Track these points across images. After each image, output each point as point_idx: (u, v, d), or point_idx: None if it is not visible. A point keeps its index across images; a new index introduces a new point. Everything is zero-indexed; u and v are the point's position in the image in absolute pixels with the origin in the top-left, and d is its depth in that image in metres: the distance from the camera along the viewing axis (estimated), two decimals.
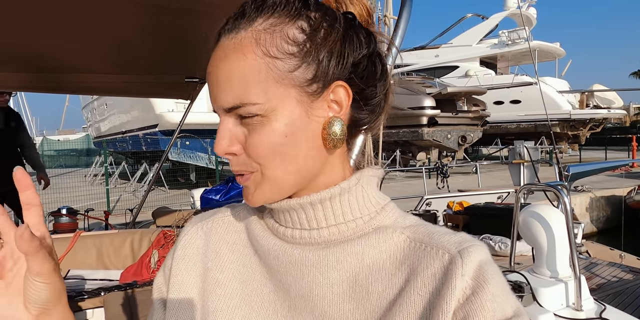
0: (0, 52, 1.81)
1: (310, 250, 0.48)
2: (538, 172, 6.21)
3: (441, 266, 0.44)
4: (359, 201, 0.49)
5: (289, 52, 0.44)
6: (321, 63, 0.45)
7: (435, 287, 0.43)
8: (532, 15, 25.61)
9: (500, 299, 0.42)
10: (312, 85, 0.45)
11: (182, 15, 1.55)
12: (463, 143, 15.26)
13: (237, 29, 0.45)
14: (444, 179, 7.25)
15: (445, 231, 0.48)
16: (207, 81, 0.47)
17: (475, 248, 0.44)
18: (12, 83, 2.36)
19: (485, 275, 0.43)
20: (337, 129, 0.46)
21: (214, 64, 0.46)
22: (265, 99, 0.44)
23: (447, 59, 23.45)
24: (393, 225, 0.49)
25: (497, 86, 20.48)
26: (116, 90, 2.94)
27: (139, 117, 12.77)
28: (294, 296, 0.49)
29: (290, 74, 0.44)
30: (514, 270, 2.00)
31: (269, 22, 0.44)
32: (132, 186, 12.15)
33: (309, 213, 0.48)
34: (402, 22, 1.02)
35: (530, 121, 19.93)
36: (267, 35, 0.44)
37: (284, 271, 0.49)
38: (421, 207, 5.14)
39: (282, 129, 0.44)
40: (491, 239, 3.96)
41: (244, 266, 0.53)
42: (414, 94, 14.71)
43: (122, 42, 1.83)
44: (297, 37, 0.44)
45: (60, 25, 1.57)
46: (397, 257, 0.47)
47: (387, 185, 10.72)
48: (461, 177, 12.56)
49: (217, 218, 0.58)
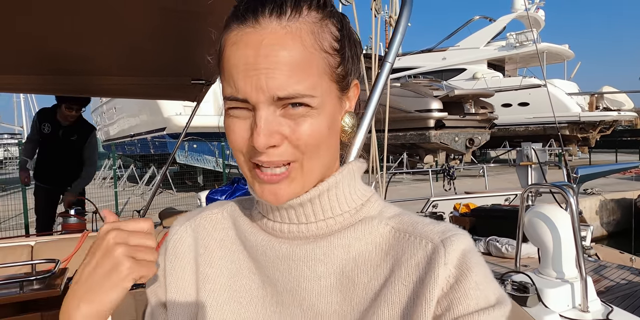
0: (10, 55, 1.85)
1: (298, 245, 0.49)
2: (546, 174, 6.15)
3: (425, 255, 0.44)
4: (345, 195, 0.50)
5: (336, 49, 0.45)
6: (349, 60, 0.47)
7: (419, 276, 0.44)
8: (540, 17, 25.45)
9: (484, 286, 0.43)
10: (342, 82, 0.47)
11: (187, 17, 1.57)
12: (471, 146, 15.18)
13: (286, 15, 0.42)
14: (450, 181, 7.22)
15: (429, 221, 0.48)
16: (235, 66, 0.42)
17: (458, 237, 0.45)
18: (21, 85, 2.40)
19: (469, 263, 0.43)
20: (349, 121, 0.49)
21: (260, 49, 0.41)
22: (320, 93, 0.44)
23: (454, 62, 23.36)
24: (378, 216, 0.49)
25: (505, 88, 20.35)
26: (123, 92, 2.98)
27: (147, 120, 12.88)
28: (281, 291, 0.49)
29: (335, 70, 0.45)
30: (519, 271, 1.98)
31: (315, 15, 0.44)
32: (141, 189, 12.24)
33: (299, 210, 0.48)
34: (401, 23, 1.03)
35: (539, 124, 19.75)
36: (319, 29, 0.44)
37: (272, 266, 0.50)
38: (428, 209, 5.13)
39: (326, 122, 0.45)
40: (498, 241, 3.93)
41: (232, 262, 0.53)
42: (421, 97, 14.67)
43: (130, 44, 1.87)
44: (337, 34, 0.46)
45: (69, 29, 1.60)
46: (382, 248, 0.48)
47: (394, 188, 10.67)
48: (469, 179, 12.48)
49: (204, 215, 0.57)
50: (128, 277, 0.43)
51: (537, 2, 25.71)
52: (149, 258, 0.45)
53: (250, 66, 0.42)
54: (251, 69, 0.41)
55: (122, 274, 0.43)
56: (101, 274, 0.43)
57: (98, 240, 0.45)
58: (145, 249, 0.45)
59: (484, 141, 15.76)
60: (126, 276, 0.43)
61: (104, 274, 0.43)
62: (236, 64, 0.42)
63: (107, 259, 0.44)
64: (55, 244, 2.52)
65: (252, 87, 0.42)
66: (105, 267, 0.44)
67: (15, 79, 2.24)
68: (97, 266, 0.44)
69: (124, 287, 0.43)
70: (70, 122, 3.61)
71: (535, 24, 24.38)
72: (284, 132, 0.43)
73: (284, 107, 0.43)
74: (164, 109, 11.30)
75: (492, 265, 3.13)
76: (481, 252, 3.84)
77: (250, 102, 0.42)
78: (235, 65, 0.42)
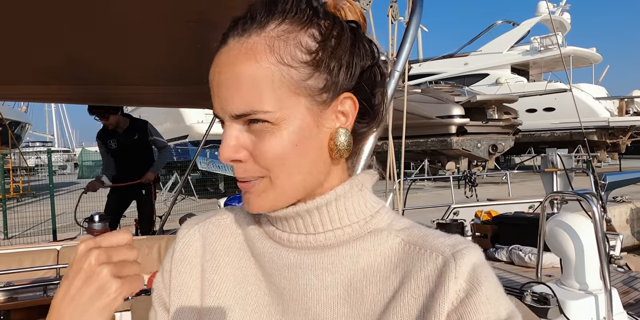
0: (39, 66, 1.94)
1: (306, 254, 0.49)
2: (572, 181, 5.97)
3: (435, 269, 0.44)
4: (354, 206, 0.49)
5: (303, 61, 0.43)
6: (332, 72, 0.44)
7: (429, 289, 0.44)
8: (566, 21, 24.88)
9: (494, 301, 0.42)
10: (322, 95, 0.45)
11: (208, 28, 1.62)
12: (494, 152, 14.86)
13: (247, 32, 0.44)
14: (472, 188, 7.08)
15: (440, 233, 0.48)
16: (210, 85, 0.45)
17: (469, 250, 0.44)
18: (52, 95, 2.50)
19: (479, 277, 0.43)
20: (343, 139, 0.46)
21: (221, 68, 0.44)
22: (277, 107, 0.43)
23: (476, 67, 23.02)
24: (388, 228, 0.49)
25: (529, 93, 19.91)
26: (147, 100, 3.07)
27: (170, 128, 13.17)
28: (287, 299, 0.49)
29: (303, 83, 0.44)
30: (539, 282, 1.93)
31: (282, 28, 0.44)
32: (164, 195, 12.48)
33: (306, 219, 0.48)
34: (410, 31, 1.04)
35: (566, 129, 19.21)
36: (280, 42, 0.43)
37: (279, 274, 0.50)
38: (448, 217, 5.04)
39: (292, 138, 0.44)
40: (521, 250, 3.83)
41: (239, 269, 0.53)
42: (442, 103, 14.49)
43: (154, 55, 1.93)
44: (310, 45, 0.44)
45: (95, 39, 1.67)
46: (391, 260, 0.47)
47: (415, 195, 10.55)
48: (492, 186, 12.23)
49: (214, 220, 0.57)
50: (118, 298, 0.40)
51: (562, 5, 25.16)
52: (135, 272, 0.42)
53: (214, 86, 0.45)
54: (215, 88, 0.45)
55: (110, 296, 0.40)
56: (87, 298, 0.40)
57: (78, 261, 0.41)
58: (130, 263, 0.42)
59: (508, 147, 15.40)
60: (116, 297, 0.40)
61: (90, 298, 0.40)
62: (211, 84, 0.46)
63: (92, 282, 0.40)
64: None
65: (217, 106, 0.45)
66: (91, 291, 0.40)
67: (47, 89, 2.33)
68: (81, 289, 0.40)
69: (112, 308, 0.41)
70: (122, 127, 3.82)
71: (561, 27, 23.84)
72: (249, 148, 0.45)
73: (246, 123, 0.44)
74: (187, 117, 11.55)
75: (514, 275, 3.05)
76: (503, 261, 3.74)
77: (220, 119, 0.46)
78: (210, 85, 0.46)
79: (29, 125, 19.75)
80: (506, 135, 15.39)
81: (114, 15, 1.42)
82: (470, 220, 4.89)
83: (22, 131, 18.83)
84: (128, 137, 3.86)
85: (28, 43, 1.62)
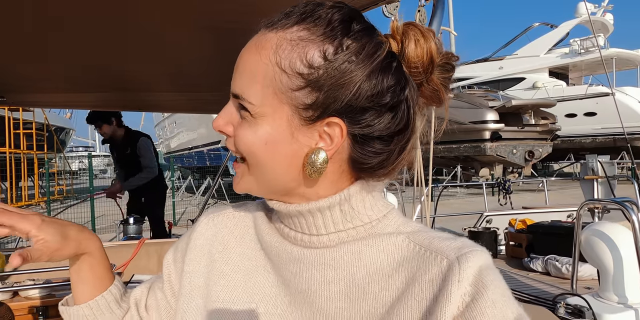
0: (76, 75, 2.04)
1: (308, 249, 0.50)
2: (615, 189, 5.68)
3: (439, 272, 0.44)
4: (359, 210, 0.49)
5: (298, 71, 0.43)
6: (325, 94, 0.43)
7: (432, 293, 0.43)
8: (609, 22, 23.83)
9: (501, 304, 0.41)
10: (307, 111, 0.44)
11: (235, 35, 1.66)
12: (530, 158, 14.34)
13: (271, 27, 0.46)
14: (506, 195, 6.85)
15: (447, 236, 0.47)
16: None
17: (475, 253, 0.44)
18: (88, 102, 2.64)
19: (485, 281, 0.42)
20: (317, 160, 0.45)
21: (242, 51, 0.48)
22: (260, 103, 0.45)
23: (512, 71, 22.38)
24: (395, 232, 0.49)
25: (568, 98, 19.17)
26: (178, 107, 3.17)
27: (204, 134, 13.52)
28: (293, 292, 0.50)
29: (290, 92, 0.44)
30: (575, 294, 1.84)
31: (300, 34, 0.44)
32: (197, 199, 12.79)
33: (309, 219, 0.49)
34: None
35: (608, 135, 18.33)
36: (288, 47, 0.44)
37: (284, 267, 0.51)
38: (480, 224, 4.90)
39: (263, 136, 0.46)
40: (557, 260, 3.67)
41: (249, 259, 0.55)
42: (476, 108, 14.17)
43: (183, 63, 2.00)
44: (314, 60, 0.43)
45: (130, 49, 1.75)
46: (394, 257, 0.47)
47: (447, 202, 10.33)
48: (528, 194, 11.81)
49: (228, 213, 0.61)
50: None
51: (604, 6, 24.15)
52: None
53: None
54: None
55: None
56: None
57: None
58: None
59: (545, 154, 14.84)
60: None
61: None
62: None
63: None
64: (116, 249, 2.70)
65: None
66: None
67: (83, 97, 2.46)
68: None
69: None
70: (119, 138, 3.93)
71: (603, 28, 22.86)
72: (235, 126, 0.48)
73: (239, 106, 0.47)
74: None
75: (549, 286, 2.92)
76: (539, 272, 3.59)
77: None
78: None
79: (72, 131, 20.76)
80: (543, 141, 14.85)
81: (144, 28, 1.48)
82: (503, 229, 4.73)
83: (67, 137, 19.82)
84: (122, 150, 3.95)
85: (66, 55, 1.72)
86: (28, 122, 7.98)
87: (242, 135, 0.47)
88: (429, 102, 0.49)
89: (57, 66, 1.88)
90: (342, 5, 0.45)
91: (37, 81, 2.09)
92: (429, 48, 0.46)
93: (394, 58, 0.45)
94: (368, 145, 0.46)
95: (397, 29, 0.46)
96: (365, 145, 0.46)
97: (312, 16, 0.44)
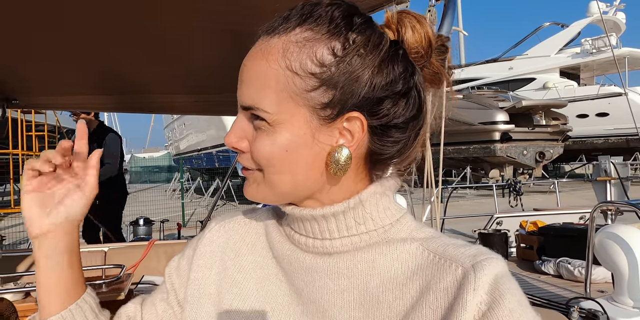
0: (87, 77, 2.06)
1: (322, 258, 0.49)
2: (629, 191, 5.59)
3: (454, 280, 0.43)
4: (372, 214, 0.48)
5: (311, 72, 0.43)
6: (341, 90, 0.43)
7: (448, 302, 0.42)
8: (621, 21, 23.50)
9: (518, 314, 0.40)
10: (325, 110, 0.44)
11: (243, 38, 1.67)
12: (541, 160, 14.19)
13: (273, 33, 0.45)
14: (517, 196, 6.77)
15: (461, 243, 0.46)
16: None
17: (490, 261, 0.43)
18: (97, 105, 2.66)
19: (501, 289, 0.41)
20: (341, 157, 0.45)
21: (245, 61, 0.47)
22: (276, 110, 0.44)
23: (522, 71, 22.17)
24: (408, 238, 0.48)
25: (580, 98, 18.93)
26: (187, 109, 3.19)
27: (213, 135, 13.60)
28: (306, 301, 0.49)
29: (306, 93, 0.43)
30: (589, 297, 1.81)
31: (305, 35, 0.43)
32: (206, 200, 12.86)
33: (322, 224, 0.48)
34: (443, 31, 1.02)
35: (621, 135, 18.06)
36: (295, 49, 0.43)
37: (297, 276, 0.50)
38: (491, 226, 4.85)
39: (283, 143, 0.44)
40: (570, 263, 3.62)
41: (261, 268, 0.54)
42: (485, 108, 14.06)
43: (193, 64, 2.01)
44: (325, 58, 0.43)
45: (140, 52, 1.76)
46: (409, 266, 0.46)
47: (456, 203, 10.25)
48: (539, 196, 11.67)
49: (239, 219, 0.59)
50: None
51: (616, 5, 23.84)
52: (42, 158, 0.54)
53: (239, 75, 0.47)
54: (238, 79, 0.47)
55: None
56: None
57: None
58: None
59: (557, 155, 14.68)
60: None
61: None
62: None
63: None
64: (126, 250, 2.73)
65: (237, 95, 0.47)
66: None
67: (95, 99, 2.49)
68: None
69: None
70: (90, 130, 3.89)
71: (615, 27, 22.57)
72: (250, 140, 0.47)
73: (252, 116, 0.46)
74: (228, 124, 11.84)
75: (561, 289, 2.88)
76: (550, 275, 3.54)
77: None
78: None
79: None
80: (554, 142, 14.69)
81: (154, 31, 1.49)
82: (514, 231, 4.68)
83: None
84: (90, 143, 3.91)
85: (78, 57, 1.74)
86: (40, 125, 8.09)
87: (260, 147, 0.45)
88: (431, 85, 0.51)
89: (69, 69, 1.90)
90: (338, 2, 0.45)
91: (49, 84, 2.11)
92: (425, 33, 0.47)
93: (399, 46, 0.46)
94: (386, 135, 0.46)
95: (392, 18, 0.47)
96: (383, 136, 0.46)
97: (312, 16, 0.44)
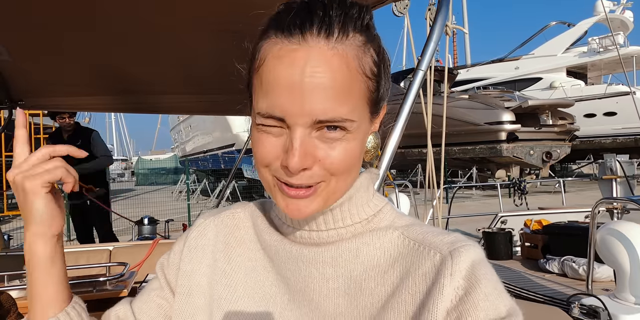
0: (93, 78, 2.10)
1: (307, 248, 0.51)
2: (634, 189, 5.54)
3: (432, 266, 0.45)
4: (357, 206, 0.51)
5: (375, 73, 0.45)
6: (386, 84, 0.47)
7: (426, 286, 0.44)
8: (628, 19, 23.29)
9: (493, 297, 0.42)
10: (377, 105, 0.47)
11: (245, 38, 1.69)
12: (548, 159, 14.07)
13: (333, 34, 0.41)
14: (522, 195, 6.73)
15: (440, 231, 0.48)
16: (289, 84, 0.40)
17: (467, 248, 0.44)
18: (103, 105, 2.70)
19: (477, 274, 0.43)
20: (374, 142, 0.50)
21: (308, 67, 0.40)
22: (358, 117, 0.44)
23: (528, 71, 22.04)
24: (390, 226, 0.50)
25: (587, 97, 18.77)
26: (191, 108, 3.22)
27: (218, 137, 13.66)
28: (292, 290, 0.51)
29: (372, 94, 0.45)
30: (590, 294, 1.80)
31: (361, 38, 0.44)
32: (212, 202, 12.91)
33: (318, 217, 0.50)
34: (435, 30, 1.03)
35: (629, 135, 17.88)
36: (361, 53, 0.43)
37: (284, 266, 0.52)
38: (495, 225, 4.83)
39: (360, 147, 0.46)
40: (574, 261, 3.60)
41: (250, 260, 0.56)
42: (491, 108, 13.98)
43: (196, 65, 2.03)
44: (376, 58, 0.45)
45: (143, 53, 1.79)
46: (390, 253, 0.48)
47: (462, 204, 10.21)
48: (545, 195, 11.60)
49: (228, 213, 0.60)
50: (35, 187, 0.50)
51: (623, 3, 23.62)
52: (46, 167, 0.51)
53: (295, 86, 0.40)
54: (297, 88, 0.40)
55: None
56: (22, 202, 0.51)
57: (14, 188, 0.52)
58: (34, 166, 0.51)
59: (564, 154, 14.55)
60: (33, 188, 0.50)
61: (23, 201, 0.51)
62: (278, 81, 0.41)
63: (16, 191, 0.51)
64: (131, 249, 2.76)
65: (294, 108, 0.41)
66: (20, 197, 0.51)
67: (101, 100, 2.52)
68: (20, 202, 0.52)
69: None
70: (69, 132, 3.97)
71: (622, 26, 22.36)
72: (318, 155, 0.43)
73: (319, 129, 0.42)
74: (233, 126, 11.93)
75: (565, 287, 2.86)
76: (555, 273, 3.50)
77: (286, 122, 0.42)
78: (278, 82, 0.41)
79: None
80: (561, 141, 14.57)
81: (158, 32, 1.52)
82: (519, 230, 4.66)
83: None
84: (72, 142, 3.89)
85: (84, 58, 1.77)
86: (48, 127, 8.19)
87: (341, 156, 0.44)
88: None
89: (74, 69, 1.94)
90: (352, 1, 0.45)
91: (54, 85, 2.15)
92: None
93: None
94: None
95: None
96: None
97: (351, 17, 0.43)
